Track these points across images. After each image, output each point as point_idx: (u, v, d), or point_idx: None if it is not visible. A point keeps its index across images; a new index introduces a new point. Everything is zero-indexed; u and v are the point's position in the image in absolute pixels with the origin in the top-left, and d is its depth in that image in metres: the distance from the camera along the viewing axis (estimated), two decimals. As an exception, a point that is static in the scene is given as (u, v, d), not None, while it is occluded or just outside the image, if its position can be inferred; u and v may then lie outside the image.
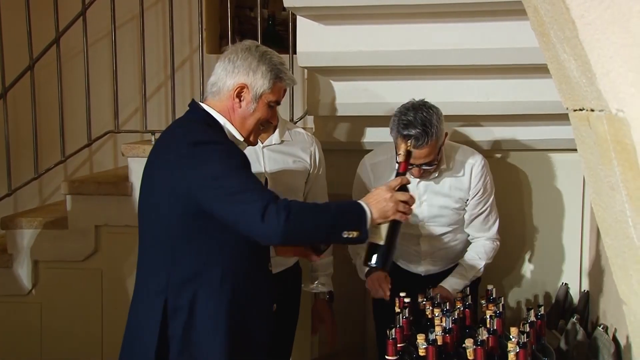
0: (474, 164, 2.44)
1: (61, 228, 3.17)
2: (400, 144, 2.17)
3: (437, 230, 2.51)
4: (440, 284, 2.42)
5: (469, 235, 2.55)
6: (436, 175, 2.41)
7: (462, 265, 2.49)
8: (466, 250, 2.55)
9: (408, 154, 1.88)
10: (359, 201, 1.75)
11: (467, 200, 2.46)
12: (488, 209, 2.49)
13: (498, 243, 2.53)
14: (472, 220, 2.49)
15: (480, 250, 2.50)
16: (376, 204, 1.73)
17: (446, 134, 2.35)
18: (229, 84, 1.87)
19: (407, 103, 2.31)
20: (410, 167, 2.16)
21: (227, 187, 1.66)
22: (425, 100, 2.33)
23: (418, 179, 2.40)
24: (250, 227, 1.64)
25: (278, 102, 1.95)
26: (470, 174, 2.44)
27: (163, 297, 1.76)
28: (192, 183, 1.68)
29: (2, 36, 3.31)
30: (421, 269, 2.59)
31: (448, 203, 2.46)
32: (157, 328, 1.75)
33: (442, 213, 2.48)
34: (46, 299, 3.20)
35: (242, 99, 1.87)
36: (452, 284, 2.43)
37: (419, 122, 2.20)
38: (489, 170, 2.48)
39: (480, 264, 2.48)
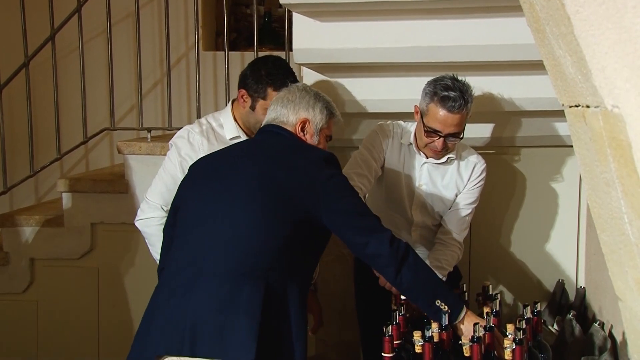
0: (477, 163, 2.49)
1: (57, 226, 3.16)
2: (437, 112, 2.26)
3: (428, 220, 2.53)
4: None
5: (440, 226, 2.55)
6: (444, 160, 2.43)
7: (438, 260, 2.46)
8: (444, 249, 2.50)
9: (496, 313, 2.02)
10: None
11: (459, 193, 2.48)
12: (469, 211, 2.50)
13: (460, 255, 2.51)
14: (452, 212, 2.50)
15: (453, 256, 2.47)
16: (476, 318, 1.90)
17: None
18: (292, 119, 2.03)
19: (439, 76, 2.35)
20: (435, 137, 2.30)
21: (359, 212, 1.88)
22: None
23: (424, 161, 2.44)
24: (379, 248, 1.84)
25: (330, 137, 2.13)
26: (471, 171, 2.48)
27: (264, 280, 1.77)
28: (327, 209, 1.84)
29: (-3, 33, 3.30)
30: None
31: (443, 196, 2.48)
32: (259, 308, 1.74)
33: (435, 204, 2.49)
34: (42, 297, 3.20)
35: (305, 132, 2.04)
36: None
37: (457, 88, 2.27)
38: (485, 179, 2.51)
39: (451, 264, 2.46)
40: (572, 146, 1.28)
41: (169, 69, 3.27)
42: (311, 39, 2.58)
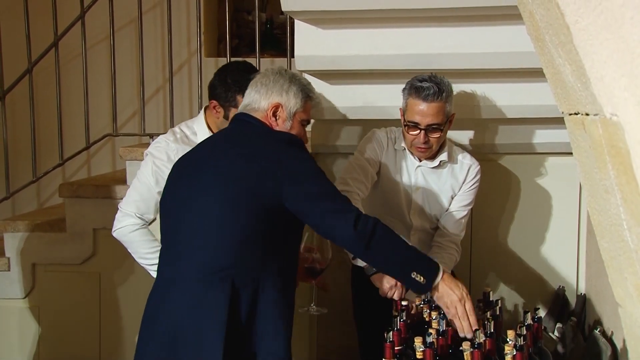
0: (472, 165, 2.51)
1: (59, 231, 3.17)
2: (413, 104, 2.30)
3: (427, 224, 2.54)
4: None
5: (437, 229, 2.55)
6: (437, 164, 2.45)
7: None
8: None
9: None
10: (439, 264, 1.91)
11: (455, 196, 2.50)
12: (465, 213, 2.52)
13: (458, 258, 2.52)
14: (448, 214, 2.51)
15: (451, 258, 2.47)
16: (451, 283, 1.86)
17: (453, 114, 2.39)
18: (264, 105, 1.97)
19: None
20: (415, 130, 2.33)
21: (322, 193, 1.81)
22: None
23: (417, 163, 2.45)
24: (345, 230, 1.78)
25: (308, 121, 2.06)
26: (467, 172, 2.50)
27: (230, 280, 1.76)
28: (289, 193, 1.78)
29: (1, 39, 3.32)
30: None
31: (440, 199, 2.49)
32: (225, 310, 1.74)
33: (432, 207, 2.50)
34: (44, 302, 3.20)
35: (277, 117, 1.97)
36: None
37: (433, 81, 2.32)
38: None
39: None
40: (572, 153, 1.29)
41: (171, 75, 3.29)
42: (313, 46, 2.59)
